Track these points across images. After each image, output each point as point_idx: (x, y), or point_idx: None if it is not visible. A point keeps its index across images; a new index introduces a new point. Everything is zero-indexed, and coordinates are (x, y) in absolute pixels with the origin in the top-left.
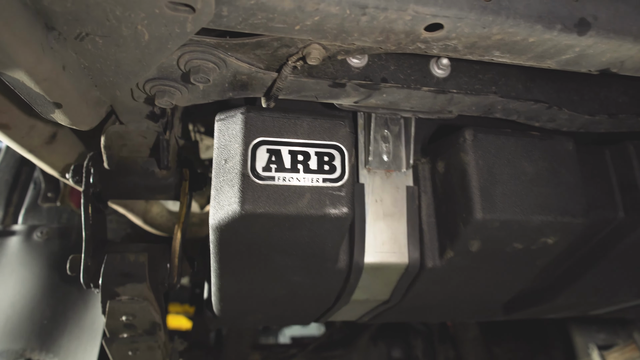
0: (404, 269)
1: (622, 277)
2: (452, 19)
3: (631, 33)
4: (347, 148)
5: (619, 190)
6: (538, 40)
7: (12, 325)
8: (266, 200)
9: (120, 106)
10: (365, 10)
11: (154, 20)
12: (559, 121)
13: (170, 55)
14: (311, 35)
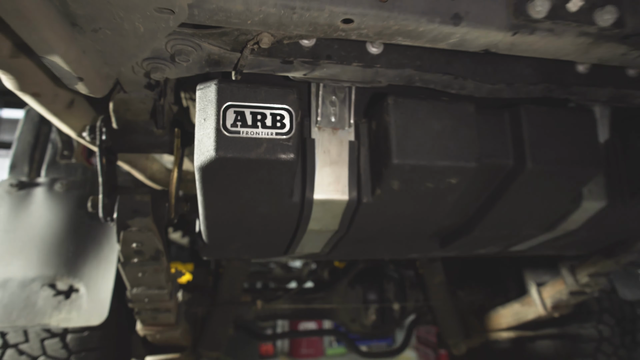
0: (346, 203)
1: (521, 213)
2: (358, 15)
3: (494, 24)
4: (295, 110)
5: (512, 144)
6: (426, 29)
7: (44, 257)
8: (234, 148)
9: (124, 79)
10: (294, 10)
11: (147, 19)
12: (469, 89)
13: (160, 42)
14: (260, 27)
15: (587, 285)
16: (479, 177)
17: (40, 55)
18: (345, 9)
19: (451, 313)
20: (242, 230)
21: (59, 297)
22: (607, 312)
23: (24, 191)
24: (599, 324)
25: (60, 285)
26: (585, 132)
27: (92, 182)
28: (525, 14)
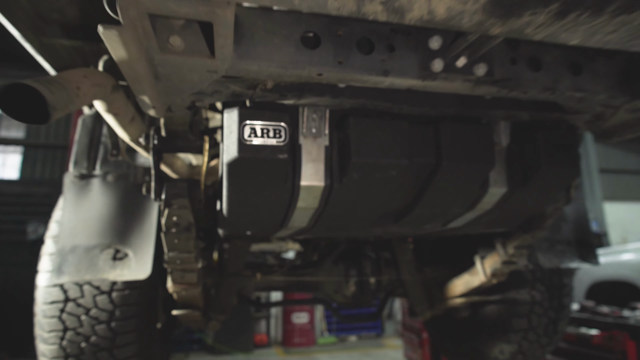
0: (322, 188)
1: (446, 196)
2: (326, 72)
3: (410, 75)
4: (288, 126)
5: (434, 148)
6: (368, 79)
7: (101, 230)
8: (249, 151)
9: (174, 105)
10: (287, 70)
11: (201, 75)
12: (405, 111)
13: (204, 86)
14: (266, 77)
15: (514, 256)
16: (413, 171)
17: (136, 95)
18: (318, 69)
19: (418, 286)
20: (251, 208)
21: (113, 259)
22: (538, 281)
23: (84, 181)
24: (532, 290)
25: (118, 252)
26: (483, 139)
27: (134, 174)
28: (429, 69)
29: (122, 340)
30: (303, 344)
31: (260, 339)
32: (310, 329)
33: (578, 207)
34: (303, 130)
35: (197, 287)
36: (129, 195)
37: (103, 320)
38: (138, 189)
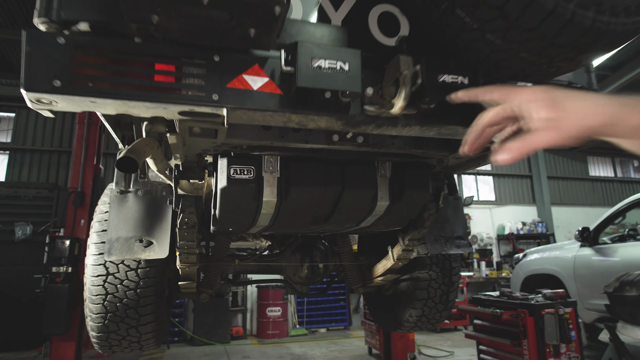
0: (275, 202)
1: (352, 207)
2: (275, 142)
3: (321, 143)
4: (257, 167)
5: (340, 179)
6: (297, 146)
7: (135, 226)
8: (233, 182)
9: (189, 155)
10: (271, 142)
11: (207, 144)
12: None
13: (209, 146)
14: (242, 144)
15: (409, 245)
16: (328, 194)
17: (173, 152)
18: (270, 140)
19: (354, 270)
20: (234, 213)
21: (144, 246)
22: (434, 264)
23: (123, 195)
24: (430, 271)
25: (146, 239)
26: (369, 174)
27: (156, 190)
28: (331, 140)
29: (144, 302)
30: (276, 336)
31: (236, 330)
32: (283, 321)
33: (459, 213)
34: (264, 168)
35: (195, 265)
36: (153, 204)
37: (132, 288)
38: (158, 200)
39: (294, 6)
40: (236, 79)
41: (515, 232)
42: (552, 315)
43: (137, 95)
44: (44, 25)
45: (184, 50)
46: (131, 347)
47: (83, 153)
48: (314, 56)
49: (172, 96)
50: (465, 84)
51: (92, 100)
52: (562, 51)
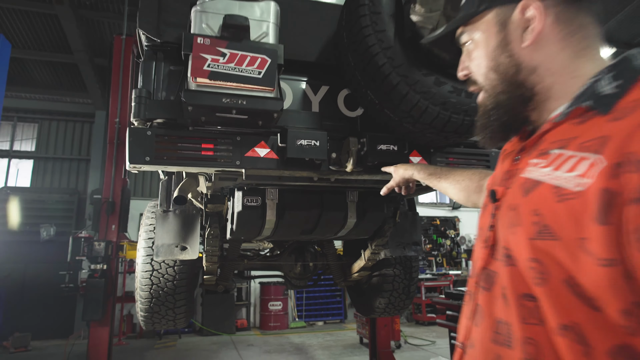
0: (274, 220)
1: (330, 223)
2: (277, 176)
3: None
4: (261, 197)
5: (321, 205)
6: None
7: (173, 235)
8: (246, 208)
9: (216, 189)
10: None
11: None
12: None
13: (229, 184)
14: (252, 182)
15: (376, 249)
16: (312, 215)
17: (207, 189)
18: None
19: (337, 268)
20: (245, 228)
21: (180, 250)
22: (398, 263)
23: (165, 213)
24: (394, 268)
25: (182, 245)
26: (341, 200)
27: (189, 209)
28: (311, 179)
29: (179, 290)
30: (277, 327)
31: (241, 323)
32: (284, 315)
33: (416, 224)
34: (268, 197)
35: (216, 264)
36: (186, 219)
37: (170, 280)
38: (190, 216)
39: (286, 93)
40: (250, 150)
41: None
42: None
43: (191, 163)
44: (136, 121)
45: (219, 134)
46: (168, 324)
47: (113, 169)
48: (297, 137)
49: (211, 162)
50: (395, 150)
51: (165, 166)
52: (449, 134)
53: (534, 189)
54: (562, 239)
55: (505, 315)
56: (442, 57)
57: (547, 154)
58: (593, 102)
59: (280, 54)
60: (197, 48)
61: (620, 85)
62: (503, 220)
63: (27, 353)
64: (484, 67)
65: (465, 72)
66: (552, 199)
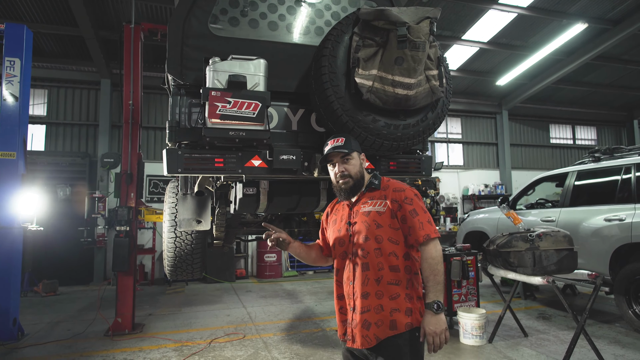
0: (267, 202)
1: (307, 202)
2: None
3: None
4: (256, 187)
5: (299, 191)
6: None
7: (193, 212)
8: (245, 195)
9: (223, 181)
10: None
11: (233, 179)
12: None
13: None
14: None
15: None
16: (295, 198)
17: (217, 182)
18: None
19: (317, 233)
20: (245, 208)
21: (196, 222)
22: None
23: (185, 195)
24: None
25: (197, 219)
26: (315, 188)
27: (203, 193)
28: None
29: (195, 252)
30: (272, 276)
31: (240, 272)
32: (278, 265)
33: None
34: (262, 187)
35: (223, 232)
36: (201, 200)
37: (189, 244)
38: (204, 198)
39: (274, 116)
40: (248, 162)
41: (477, 194)
42: (457, 262)
43: (208, 171)
44: (170, 143)
45: (227, 151)
46: (188, 275)
47: (129, 145)
48: (280, 153)
49: (221, 171)
50: None
51: (192, 174)
52: (384, 152)
53: (369, 214)
54: (383, 226)
55: (368, 258)
56: (377, 104)
57: (366, 203)
58: (374, 186)
59: (268, 99)
60: (212, 99)
61: (378, 182)
62: (359, 228)
63: (57, 297)
64: (356, 171)
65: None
66: (377, 214)
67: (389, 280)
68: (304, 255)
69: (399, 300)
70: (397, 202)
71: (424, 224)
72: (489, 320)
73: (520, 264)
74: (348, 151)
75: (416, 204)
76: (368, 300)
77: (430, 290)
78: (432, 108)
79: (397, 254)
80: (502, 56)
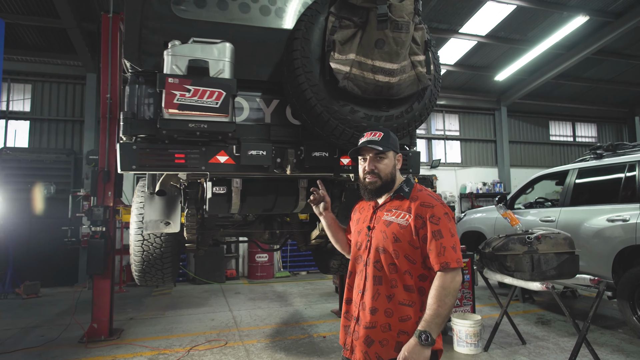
0: (239, 202)
1: (285, 203)
2: (237, 172)
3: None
4: (227, 185)
5: (275, 190)
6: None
7: (159, 213)
8: (215, 194)
9: (191, 179)
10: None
11: (199, 177)
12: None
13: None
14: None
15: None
16: (270, 198)
17: (183, 181)
18: (237, 174)
19: (300, 235)
20: (216, 208)
21: (165, 224)
22: None
23: (152, 195)
24: None
25: (166, 221)
26: (294, 186)
27: (172, 192)
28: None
29: (165, 256)
30: (264, 277)
31: (230, 273)
32: (270, 265)
33: None
34: (233, 185)
35: (195, 235)
36: (170, 200)
37: (158, 247)
38: (173, 197)
39: (244, 107)
40: (213, 158)
41: (475, 192)
42: None
43: (167, 168)
44: (125, 137)
45: (188, 146)
46: (158, 281)
47: (107, 141)
48: (249, 149)
49: (182, 168)
50: (327, 156)
51: (149, 171)
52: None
53: (389, 224)
54: (402, 242)
55: (382, 272)
56: (355, 93)
57: (390, 211)
58: (403, 194)
59: (233, 87)
60: (169, 86)
61: (409, 189)
62: (377, 237)
63: (39, 299)
64: (387, 172)
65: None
66: (398, 227)
67: (401, 300)
68: (332, 232)
69: (409, 323)
70: (421, 218)
71: (447, 249)
72: (484, 326)
73: (517, 269)
74: (383, 149)
75: (443, 224)
76: (375, 316)
77: (427, 317)
78: (418, 98)
79: (412, 273)
80: (500, 50)
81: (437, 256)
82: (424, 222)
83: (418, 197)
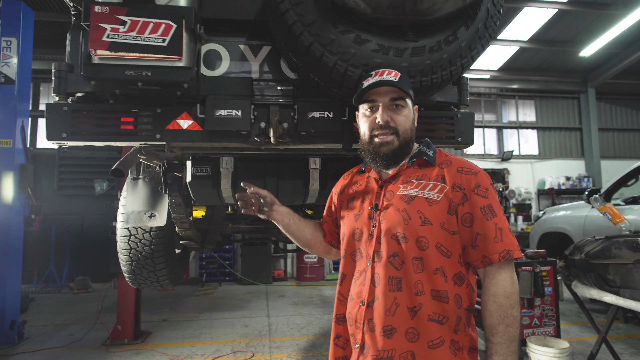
0: (230, 188)
1: (290, 190)
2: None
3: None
4: (212, 166)
5: (277, 171)
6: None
7: (142, 203)
8: (196, 177)
9: (167, 159)
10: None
11: (170, 156)
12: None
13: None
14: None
15: None
16: (270, 183)
17: (153, 161)
18: (223, 150)
19: None
20: (202, 195)
21: (149, 217)
22: None
23: (135, 181)
24: None
25: (150, 212)
26: (300, 168)
27: (157, 177)
28: (260, 148)
29: (157, 254)
30: (313, 279)
31: (278, 273)
32: (319, 267)
33: None
34: (222, 166)
35: (189, 230)
36: (155, 187)
37: (147, 245)
38: (159, 184)
39: (221, 54)
40: (172, 122)
41: (557, 187)
42: (527, 273)
43: (110, 137)
44: (57, 96)
45: (139, 107)
46: (152, 285)
47: None
48: (216, 108)
49: (131, 137)
50: (331, 117)
51: (86, 142)
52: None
53: (412, 199)
54: (433, 224)
55: (402, 271)
56: (362, 11)
57: (410, 182)
58: (428, 159)
59: (190, 17)
60: (95, 17)
61: (433, 153)
62: (391, 220)
63: (88, 294)
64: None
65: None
66: (426, 203)
67: (430, 314)
68: (294, 230)
69: (442, 350)
70: (462, 189)
71: (504, 232)
72: (574, 353)
73: (625, 284)
74: (404, 90)
75: (493, 197)
76: (392, 340)
77: (496, 349)
78: (466, 19)
79: (446, 272)
80: (587, 19)
81: (493, 241)
82: (465, 194)
83: (451, 162)
